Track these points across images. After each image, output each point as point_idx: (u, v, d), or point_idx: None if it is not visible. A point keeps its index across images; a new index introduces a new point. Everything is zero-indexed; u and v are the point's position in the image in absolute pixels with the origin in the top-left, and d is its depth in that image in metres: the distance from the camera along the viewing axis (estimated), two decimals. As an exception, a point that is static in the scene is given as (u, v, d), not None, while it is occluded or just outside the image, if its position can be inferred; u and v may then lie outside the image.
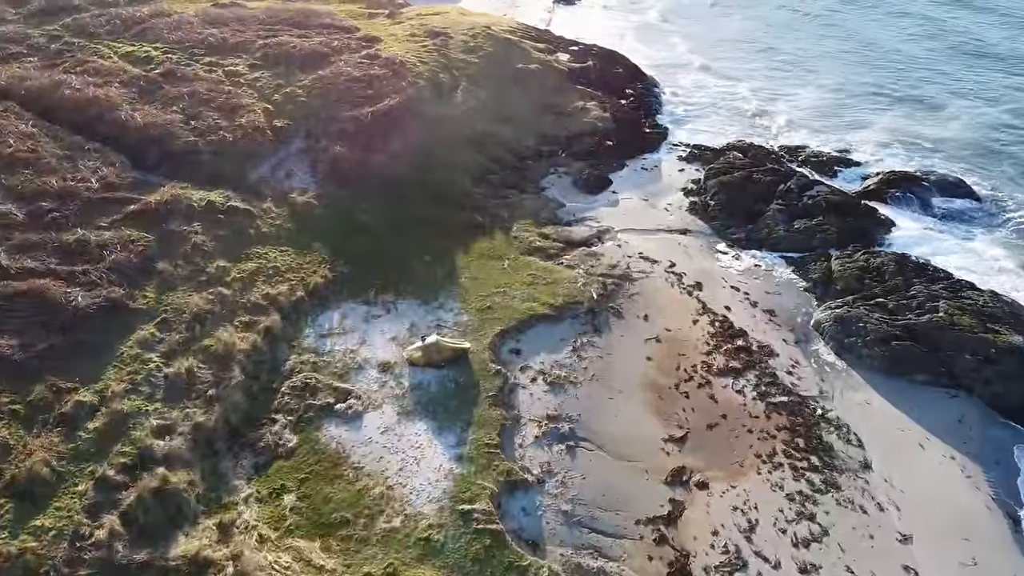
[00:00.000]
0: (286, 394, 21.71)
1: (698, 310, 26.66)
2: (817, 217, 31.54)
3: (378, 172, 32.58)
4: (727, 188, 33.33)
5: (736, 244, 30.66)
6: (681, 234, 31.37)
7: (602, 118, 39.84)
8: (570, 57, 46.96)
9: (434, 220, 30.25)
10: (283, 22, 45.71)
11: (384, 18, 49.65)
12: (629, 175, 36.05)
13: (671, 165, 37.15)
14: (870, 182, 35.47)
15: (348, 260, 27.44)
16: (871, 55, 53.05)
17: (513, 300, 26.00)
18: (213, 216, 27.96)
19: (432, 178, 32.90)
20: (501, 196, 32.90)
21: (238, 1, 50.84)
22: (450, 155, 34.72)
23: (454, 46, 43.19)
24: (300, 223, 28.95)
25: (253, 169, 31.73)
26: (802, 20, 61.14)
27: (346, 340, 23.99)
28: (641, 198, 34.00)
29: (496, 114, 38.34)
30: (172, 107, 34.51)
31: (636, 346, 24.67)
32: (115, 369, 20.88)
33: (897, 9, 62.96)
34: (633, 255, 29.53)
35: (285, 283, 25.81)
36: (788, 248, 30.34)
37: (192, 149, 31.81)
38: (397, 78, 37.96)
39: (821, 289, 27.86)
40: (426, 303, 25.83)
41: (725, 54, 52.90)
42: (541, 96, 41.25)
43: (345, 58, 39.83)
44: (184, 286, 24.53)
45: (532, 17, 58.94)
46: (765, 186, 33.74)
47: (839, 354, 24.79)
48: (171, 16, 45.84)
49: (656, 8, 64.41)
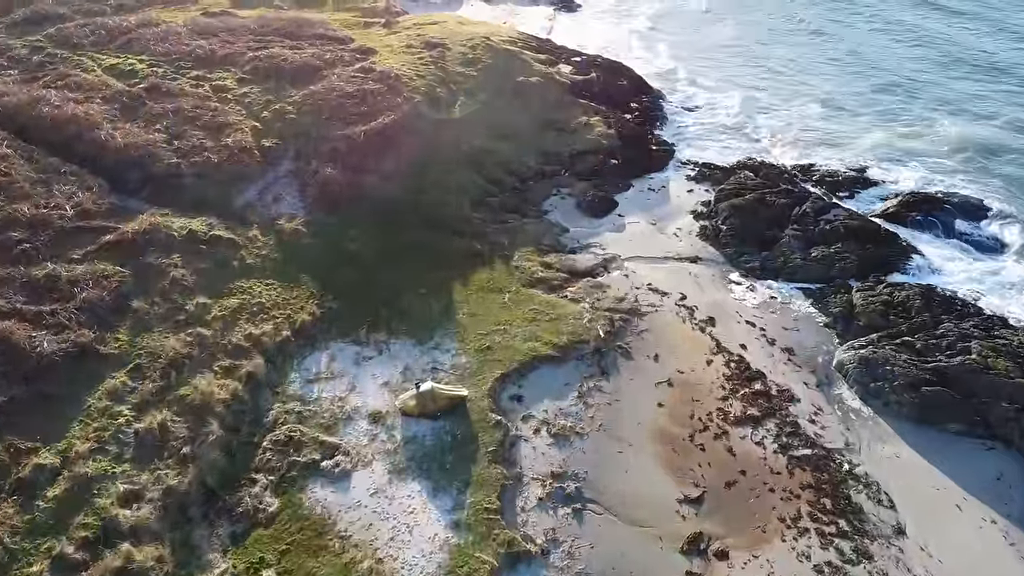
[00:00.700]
0: (268, 449, 19.97)
1: (712, 349, 24.93)
2: (835, 244, 29.83)
3: (370, 195, 30.85)
4: (739, 212, 31.60)
5: (750, 274, 28.93)
6: (691, 262, 29.65)
7: (606, 135, 38.11)
8: (572, 69, 45.26)
9: (430, 248, 28.53)
10: (275, 32, 44.00)
11: (380, 27, 47.94)
12: (635, 196, 34.33)
13: (679, 185, 35.43)
14: (889, 204, 33.76)
15: (338, 294, 25.71)
16: (874, 66, 51.38)
17: (514, 339, 24.27)
18: (194, 247, 26.23)
19: (428, 201, 31.17)
20: (501, 221, 31.17)
21: (229, 10, 49.23)
22: (447, 176, 32.99)
23: (452, 58, 41.46)
24: (287, 253, 27.22)
25: (239, 193, 30.00)
26: (802, 30, 59.43)
27: (335, 386, 22.25)
28: (649, 222, 32.28)
29: (496, 131, 36.60)
30: (155, 125, 32.82)
31: (646, 391, 22.94)
32: (81, 425, 19.14)
33: (891, 18, 61.17)
34: (641, 286, 27.81)
35: (270, 321, 24.07)
36: (805, 278, 28.62)
37: (175, 172, 30.11)
38: (392, 93, 36.23)
39: (842, 325, 26.14)
40: (421, 343, 24.10)
41: (731, 65, 51.21)
42: (543, 111, 39.54)
43: (338, 72, 38.12)
44: (160, 327, 22.79)
45: (533, 25, 57.25)
46: (779, 209, 32.02)
47: (864, 400, 23.07)
48: (158, 26, 44.17)
49: (659, 17, 62.58)
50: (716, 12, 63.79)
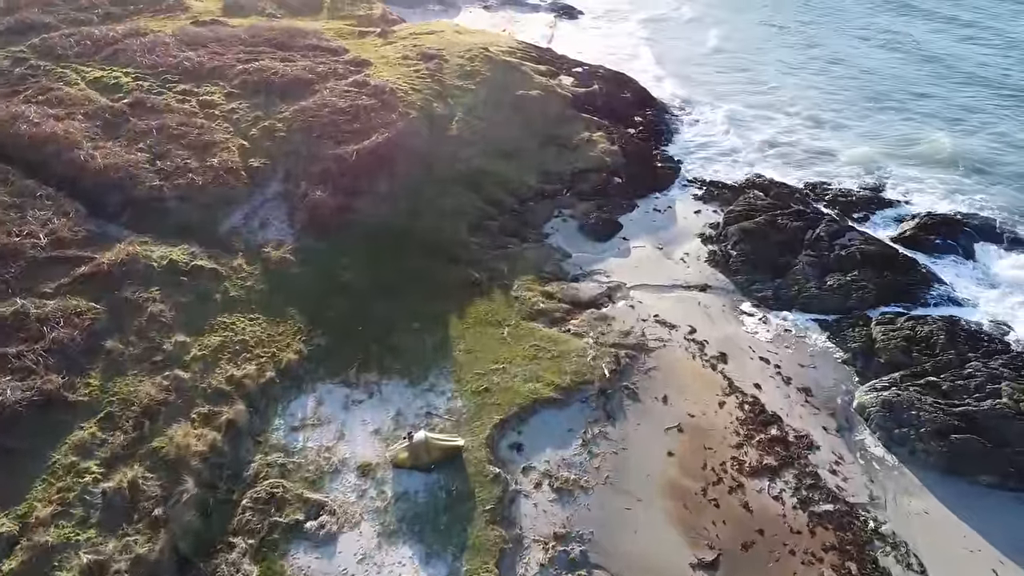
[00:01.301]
0: (248, 508, 18.46)
1: (724, 389, 23.43)
2: (851, 271, 28.34)
3: (363, 219, 29.37)
4: (749, 236, 30.10)
5: (762, 304, 27.44)
6: (700, 291, 28.15)
7: (609, 151, 36.60)
8: (574, 80, 43.74)
9: (424, 276, 27.04)
10: (266, 43, 42.50)
11: (375, 37, 46.44)
12: (640, 218, 32.83)
13: (686, 205, 33.92)
14: (906, 227, 32.26)
15: (327, 329, 24.22)
16: (881, 78, 49.85)
17: (514, 379, 22.76)
18: (175, 278, 24.73)
19: (423, 225, 29.67)
20: (500, 246, 29.66)
21: (220, 18, 47.74)
22: (443, 198, 31.47)
23: (449, 71, 39.96)
24: (274, 283, 25.71)
25: (224, 218, 28.50)
26: (797, 42, 57.88)
27: (321, 434, 20.74)
28: (655, 246, 30.76)
29: (495, 148, 35.10)
30: (138, 144, 31.35)
31: (655, 437, 21.44)
32: (44, 485, 17.65)
33: (880, 27, 59.66)
34: (648, 318, 26.32)
35: (253, 361, 22.56)
36: (821, 309, 27.13)
37: (157, 195, 28.62)
38: (387, 109, 34.71)
39: (862, 362, 24.64)
40: (414, 384, 22.60)
41: (735, 76, 49.66)
42: (543, 126, 38.03)
43: (331, 85, 36.61)
44: (135, 369, 21.28)
45: (533, 33, 55.77)
46: (791, 233, 30.52)
47: (889, 447, 21.58)
48: (146, 36, 42.64)
49: (659, 25, 61.03)
50: (718, 19, 62.17)
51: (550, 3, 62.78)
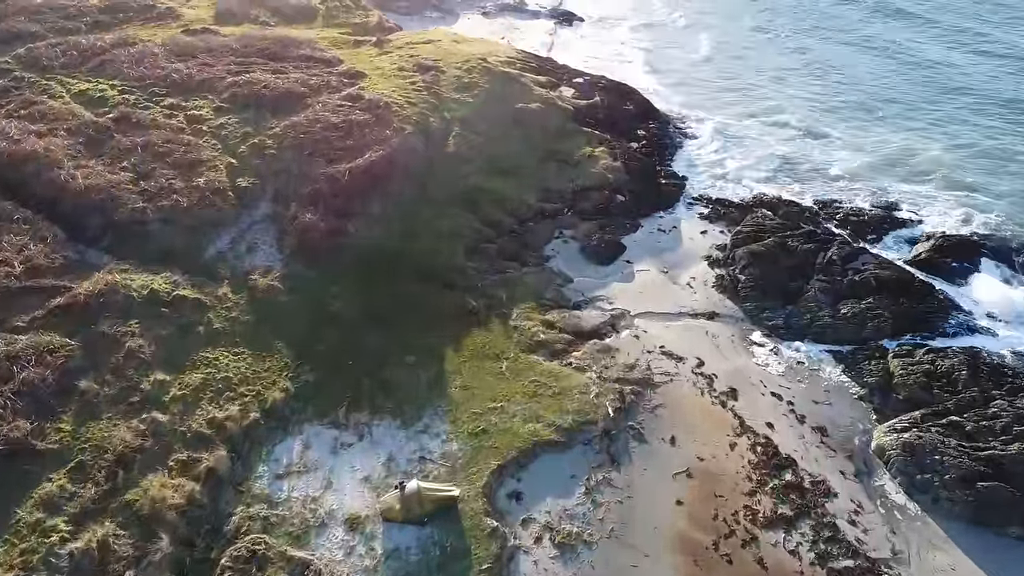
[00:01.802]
0: (227, 568, 17.18)
1: (735, 428, 22.18)
2: (866, 298, 27.11)
3: (355, 242, 28.11)
4: (759, 260, 28.85)
5: (773, 333, 26.19)
6: (708, 319, 26.90)
7: (612, 168, 35.34)
8: (575, 92, 42.48)
9: (419, 304, 25.81)
10: (258, 53, 41.25)
11: (371, 46, 45.18)
12: (644, 239, 31.57)
13: (692, 225, 32.66)
14: (921, 249, 31.00)
15: (316, 364, 22.96)
16: (880, 87, 48.58)
17: (513, 419, 21.51)
18: (155, 310, 23.47)
19: (418, 249, 28.42)
20: (498, 270, 28.41)
21: (211, 26, 46.51)
22: (440, 219, 30.23)
23: (446, 83, 38.71)
24: (260, 314, 24.45)
25: (209, 242, 27.25)
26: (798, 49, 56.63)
27: (308, 482, 19.48)
28: (660, 269, 29.51)
29: (493, 165, 33.85)
30: (122, 163, 30.15)
31: (663, 484, 20.19)
32: (6, 546, 16.40)
33: (880, 38, 58.33)
34: (654, 350, 25.07)
35: (237, 401, 21.30)
36: (835, 339, 25.90)
37: (139, 218, 27.40)
38: (381, 125, 33.45)
39: (880, 398, 23.41)
40: (407, 425, 21.34)
41: (741, 88, 48.35)
42: (544, 141, 36.77)
43: (323, 99, 35.36)
44: (110, 412, 20.03)
45: (533, 41, 54.52)
46: (802, 256, 29.28)
47: (910, 494, 20.33)
48: (135, 46, 41.41)
49: (660, 33, 59.74)
50: (711, 26, 60.88)
51: (549, 10, 61.55)
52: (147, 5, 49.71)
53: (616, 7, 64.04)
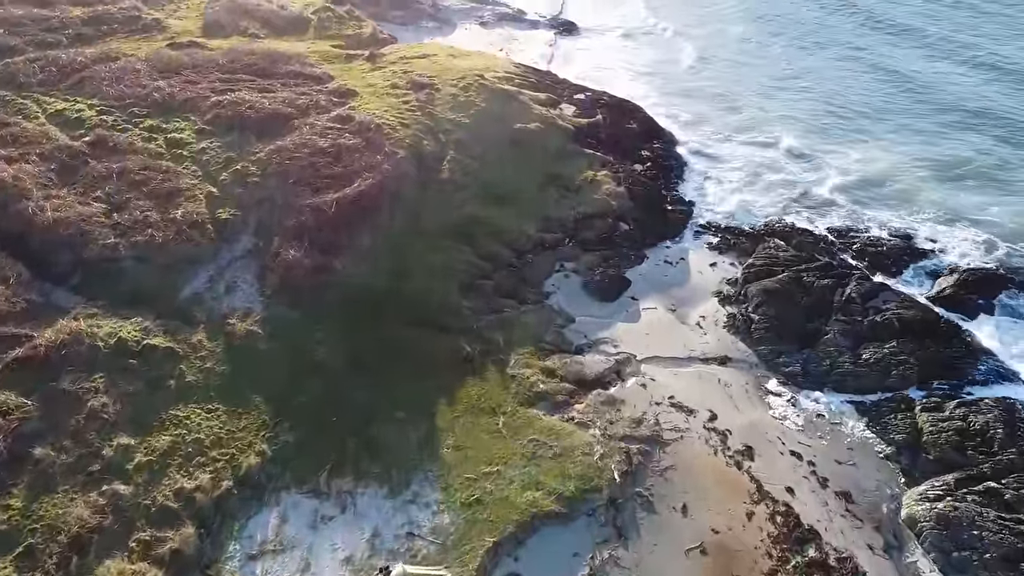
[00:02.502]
0: (190, 671, 15.36)
1: (752, 494, 20.37)
2: (889, 342, 25.33)
3: (341, 281, 26.30)
4: (773, 298, 27.05)
5: (791, 381, 24.39)
6: (720, 364, 25.11)
7: (615, 193, 33.52)
8: (576, 110, 40.70)
9: (410, 351, 24.01)
10: (245, 69, 39.47)
11: (363, 61, 43.37)
12: (650, 272, 29.75)
13: (700, 257, 30.84)
14: (944, 284, 29.18)
15: (296, 421, 21.17)
16: (910, 106, 46.61)
17: (510, 486, 19.72)
18: (122, 362, 21.69)
19: (409, 288, 26.61)
20: (495, 309, 26.61)
21: (198, 40, 44.74)
22: (433, 253, 28.42)
23: (441, 102, 36.88)
24: (238, 363, 22.65)
25: (185, 282, 25.46)
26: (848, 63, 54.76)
27: (284, 564, 17.70)
28: (667, 307, 27.70)
29: (490, 192, 32.03)
30: (95, 192, 28.44)
31: (675, 562, 18.42)
32: (-61, 653, 14.56)
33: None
34: (662, 401, 23.27)
35: (208, 467, 19.51)
36: (857, 388, 24.10)
37: (111, 255, 25.71)
38: (372, 149, 31.63)
39: (908, 458, 21.62)
40: (394, 493, 19.55)
41: (748, 102, 46.45)
42: (543, 164, 34.95)
43: (311, 121, 33.55)
44: (67, 483, 18.26)
45: (532, 53, 52.67)
46: (819, 293, 27.48)
47: (946, 573, 18.47)
48: (117, 61, 39.61)
49: (669, 41, 57.84)
50: (717, 36, 59.02)
51: (549, 19, 59.69)
52: (132, 16, 47.97)
53: (617, 17, 62.18)
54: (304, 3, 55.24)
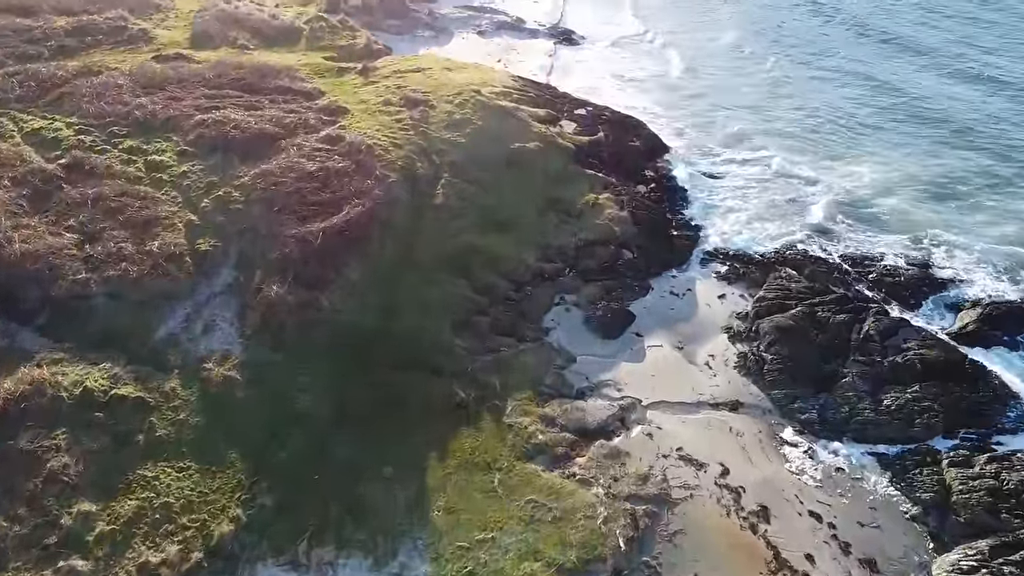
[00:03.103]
0: None
1: (769, 563, 18.80)
2: (912, 385, 23.78)
3: (327, 318, 24.68)
4: (786, 336, 25.48)
5: (807, 429, 22.82)
6: (731, 410, 23.53)
7: (618, 218, 31.90)
8: (576, 127, 39.12)
9: (400, 398, 22.44)
10: (232, 84, 37.91)
11: (356, 74, 41.75)
12: (655, 304, 28.17)
13: (708, 287, 29.24)
14: (966, 320, 27.59)
15: (275, 480, 19.59)
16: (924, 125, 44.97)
17: (506, 557, 18.17)
18: (87, 415, 20.11)
19: (400, 326, 25.03)
20: (491, 349, 25.03)
21: (185, 51, 43.14)
22: (426, 286, 26.83)
23: (436, 120, 35.29)
24: (213, 414, 21.05)
25: (160, 321, 23.84)
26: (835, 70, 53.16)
27: (256, 650, 16.05)
28: (674, 345, 26.11)
29: (487, 218, 30.42)
30: (68, 220, 26.90)
31: (686, 644, 16.76)
32: None
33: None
34: (670, 453, 21.70)
35: (177, 537, 17.94)
36: (879, 438, 22.55)
37: (81, 292, 24.12)
38: (362, 173, 30.04)
39: (936, 520, 20.05)
40: (380, 564, 18.01)
41: (757, 118, 44.84)
42: (543, 187, 33.35)
43: (299, 142, 31.96)
44: (19, 559, 16.69)
45: (531, 64, 51.06)
46: (835, 330, 25.91)
47: (984, 658, 16.91)
48: (99, 75, 38.06)
49: (674, 51, 56.19)
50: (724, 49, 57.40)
51: (548, 28, 58.06)
52: (118, 27, 46.34)
53: (618, 26, 60.60)
54: (296, 12, 53.73)
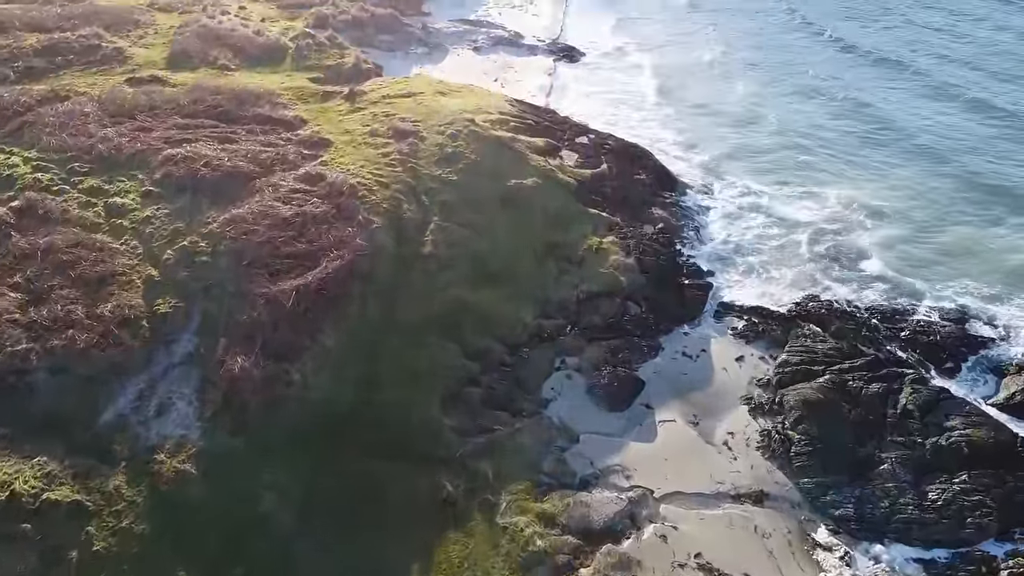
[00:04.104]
0: None
1: None
2: (959, 475, 21.01)
3: (298, 394, 21.92)
4: (814, 411, 22.77)
5: (842, 527, 20.09)
6: (755, 503, 20.78)
7: (624, 266, 29.14)
8: (578, 158, 36.39)
9: (377, 492, 19.76)
10: (207, 112, 35.37)
11: (341, 99, 39.07)
12: (666, 367, 25.44)
13: (724, 348, 26.48)
14: (1013, 388, 24.81)
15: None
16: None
17: None
18: (12, 527, 17.42)
19: (380, 401, 22.34)
20: (484, 429, 22.28)
21: (161, 73, 40.57)
22: (411, 351, 24.10)
23: (426, 154, 32.58)
24: (163, 519, 18.33)
25: (109, 401, 21.10)
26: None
27: None
28: (688, 420, 23.37)
29: (480, 269, 27.66)
30: (13, 277, 24.28)
31: None
32: None
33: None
34: (687, 561, 18.96)
35: None
36: (925, 539, 19.81)
37: (21, 366, 21.43)
38: (343, 219, 27.38)
39: (997, 650, 17.23)
40: None
41: (773, 145, 42.12)
42: (542, 229, 30.58)
43: (276, 180, 29.31)
44: None
45: (529, 84, 48.38)
46: (868, 404, 23.21)
47: None
48: (65, 101, 35.45)
49: (670, 72, 53.39)
50: (744, 64, 54.65)
51: (548, 44, 55.32)
52: (92, 46, 43.93)
53: (622, 40, 57.91)
54: (283, 27, 51.19)
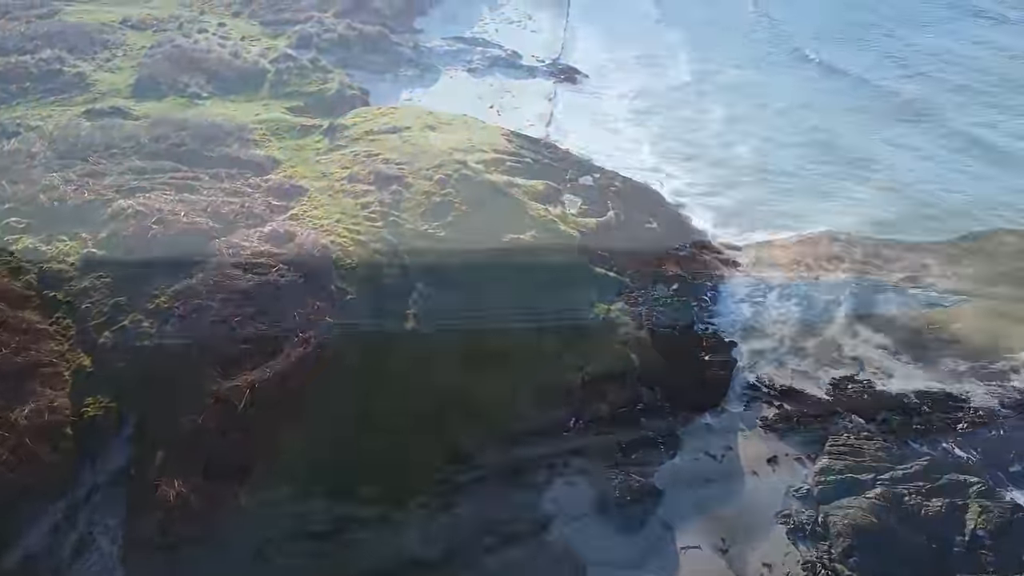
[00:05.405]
0: None
1: None
2: (1046, 628, 17.25)
3: (247, 522, 18.15)
4: (866, 537, 19.06)
5: None
6: (800, 665, 16.98)
7: (636, 340, 25.50)
8: (582, 203, 32.70)
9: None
10: (168, 151, 31.98)
11: (320, 135, 35.45)
12: (686, 471, 21.78)
13: (753, 445, 22.79)
14: (1098, 501, 21.09)
15: None
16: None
17: None
18: None
19: (348, 534, 18.43)
20: (467, 563, 18.47)
21: (124, 104, 36.98)
22: (385, 458, 20.33)
23: (411, 204, 28.90)
24: None
25: (17, 536, 17.50)
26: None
27: None
28: (716, 546, 19.69)
29: (470, 349, 23.95)
30: (-83, 369, 20.34)
31: None
32: None
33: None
34: None
35: None
36: None
37: (-90, 494, 17.48)
38: (312, 291, 23.70)
39: None
40: None
41: (807, 187, 38.38)
42: (541, 294, 26.84)
43: (237, 241, 25.62)
44: None
45: (528, 110, 44.70)
46: (930, 527, 19.51)
47: None
48: (11, 140, 31.97)
49: (690, 96, 49.68)
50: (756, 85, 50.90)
51: (547, 65, 51.56)
52: (52, 71, 40.41)
53: (628, 60, 54.16)
54: (264, 46, 47.53)
